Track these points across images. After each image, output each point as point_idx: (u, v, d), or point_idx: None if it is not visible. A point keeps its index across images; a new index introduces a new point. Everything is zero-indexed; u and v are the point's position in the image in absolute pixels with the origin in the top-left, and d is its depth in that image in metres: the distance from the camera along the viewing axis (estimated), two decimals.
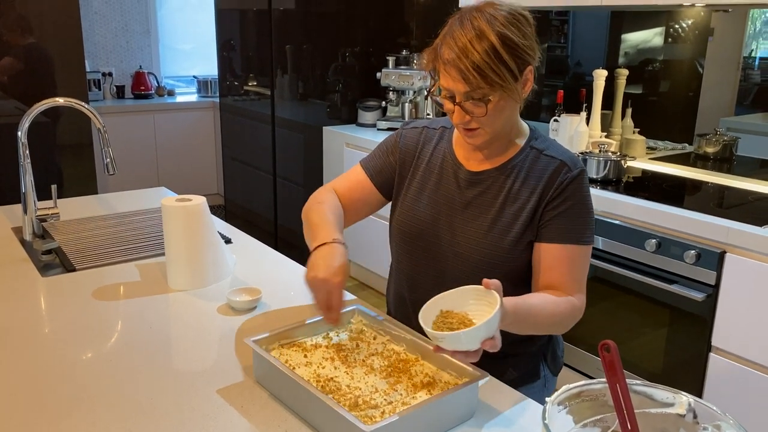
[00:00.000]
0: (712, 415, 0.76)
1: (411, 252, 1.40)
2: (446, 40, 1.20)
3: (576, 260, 1.27)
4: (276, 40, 3.85)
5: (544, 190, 1.27)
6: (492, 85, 1.17)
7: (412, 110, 3.68)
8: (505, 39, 1.16)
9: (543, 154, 1.31)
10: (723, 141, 2.71)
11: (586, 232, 1.28)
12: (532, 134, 1.35)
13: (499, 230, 1.29)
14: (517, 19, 1.19)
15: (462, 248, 1.31)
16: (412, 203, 1.39)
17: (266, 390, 1.10)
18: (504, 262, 1.29)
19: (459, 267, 1.32)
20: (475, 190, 1.33)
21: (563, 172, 1.27)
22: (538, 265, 1.28)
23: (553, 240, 1.26)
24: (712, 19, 2.79)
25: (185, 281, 1.51)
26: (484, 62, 1.15)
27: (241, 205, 4.62)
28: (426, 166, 1.40)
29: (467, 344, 1.00)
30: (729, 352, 2.01)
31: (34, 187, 1.78)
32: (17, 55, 3.41)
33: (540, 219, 1.27)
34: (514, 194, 1.29)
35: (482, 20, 1.17)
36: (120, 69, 5.28)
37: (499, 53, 1.15)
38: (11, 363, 1.17)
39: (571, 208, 1.26)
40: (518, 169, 1.30)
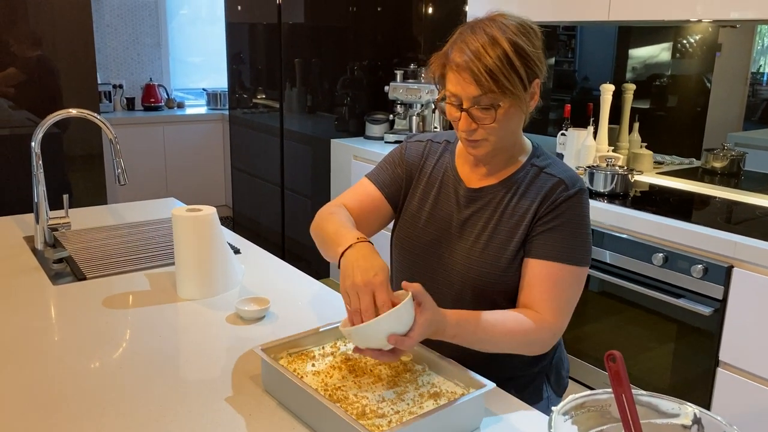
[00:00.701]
0: (718, 426, 0.76)
1: (410, 267, 1.39)
2: (457, 44, 1.20)
3: (560, 281, 1.22)
4: (285, 53, 3.89)
5: (539, 207, 1.26)
6: (503, 91, 1.16)
7: (420, 123, 3.70)
8: (517, 47, 1.16)
9: (543, 171, 1.29)
10: (731, 156, 2.72)
11: (576, 252, 1.23)
12: (534, 151, 1.33)
13: (495, 247, 1.27)
14: (527, 30, 1.20)
15: (459, 266, 1.30)
16: (411, 219, 1.39)
17: (274, 398, 1.11)
18: (501, 279, 1.27)
19: (456, 284, 1.31)
20: (472, 207, 1.32)
21: (559, 190, 1.25)
22: (522, 280, 1.26)
23: (536, 256, 1.24)
24: (720, 35, 2.80)
25: (194, 291, 1.52)
26: (496, 66, 1.15)
27: (249, 217, 4.64)
28: (427, 180, 1.39)
29: (372, 339, 1.01)
30: (736, 367, 2.01)
31: (46, 197, 1.80)
32: (23, 66, 3.44)
33: (528, 234, 1.26)
34: (511, 210, 1.28)
35: (494, 28, 1.17)
36: (130, 81, 5.34)
37: (511, 60, 1.15)
38: (21, 370, 1.19)
39: (561, 226, 1.24)
40: (518, 185, 1.29)
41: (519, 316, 1.20)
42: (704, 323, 2.07)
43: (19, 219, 2.10)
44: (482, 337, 1.15)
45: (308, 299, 1.54)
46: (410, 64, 3.81)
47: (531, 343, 1.21)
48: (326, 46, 3.95)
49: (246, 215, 4.68)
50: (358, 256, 1.11)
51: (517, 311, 1.22)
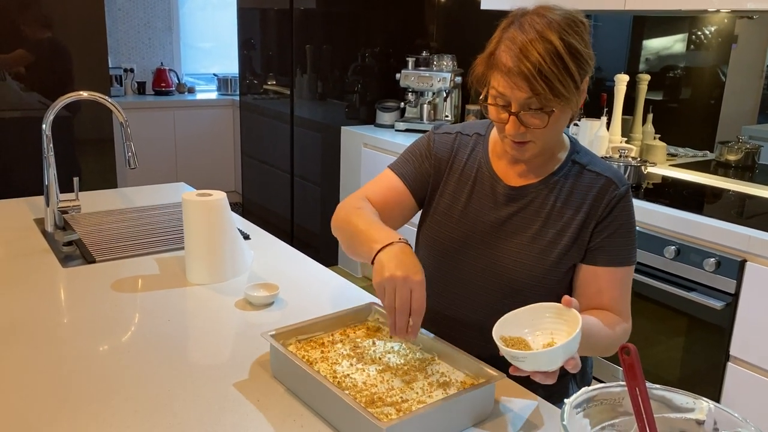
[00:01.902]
0: (733, 422, 0.75)
1: (439, 266, 1.33)
2: (504, 44, 1.12)
3: (625, 282, 1.23)
4: (296, 39, 3.87)
5: (591, 209, 1.22)
6: (557, 95, 1.10)
7: (431, 112, 3.68)
8: (570, 48, 1.10)
9: (587, 169, 1.25)
10: (745, 149, 2.68)
11: (633, 252, 1.23)
12: (573, 147, 1.28)
13: (539, 249, 1.23)
14: (577, 24, 1.12)
15: (498, 267, 1.26)
16: (442, 216, 1.32)
17: (282, 385, 1.10)
18: (543, 282, 1.23)
19: (495, 284, 1.27)
20: (514, 206, 1.26)
21: (611, 190, 1.22)
22: (587, 287, 1.23)
23: (604, 263, 1.21)
24: (737, 26, 2.76)
25: (204, 275, 1.52)
26: (549, 69, 1.08)
27: (258, 203, 4.64)
28: (460, 176, 1.32)
29: (547, 364, 0.96)
30: (747, 361, 1.99)
31: (57, 180, 1.80)
32: (32, 48, 3.44)
33: (589, 241, 1.22)
34: (557, 212, 1.24)
35: (542, 23, 1.10)
36: (141, 65, 5.33)
37: (563, 60, 1.09)
38: (30, 353, 1.19)
39: (620, 229, 1.22)
40: (561, 184, 1.24)
41: (610, 320, 1.18)
42: (716, 317, 2.05)
43: (29, 201, 2.10)
44: (591, 342, 1.12)
45: (317, 286, 1.54)
46: (422, 52, 3.78)
47: (615, 346, 1.19)
48: (338, 32, 3.92)
49: (255, 201, 4.68)
50: (399, 253, 1.07)
51: (606, 314, 1.20)
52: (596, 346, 1.16)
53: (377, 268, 1.07)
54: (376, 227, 1.17)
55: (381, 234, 1.13)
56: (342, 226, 1.26)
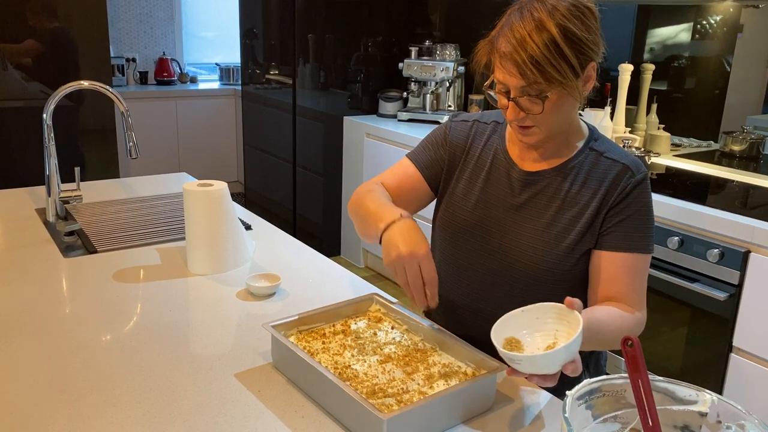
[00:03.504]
0: (736, 414, 0.74)
1: (455, 252, 1.34)
2: (504, 31, 1.14)
3: (639, 270, 1.21)
4: (299, 28, 3.85)
5: (606, 195, 1.21)
6: (550, 81, 1.11)
7: (434, 101, 3.66)
8: (567, 32, 1.10)
9: (603, 156, 1.24)
10: (750, 139, 2.67)
11: (648, 240, 1.22)
12: (591, 134, 1.28)
13: (554, 235, 1.23)
14: (581, 11, 1.13)
15: (513, 252, 1.26)
16: (459, 201, 1.33)
17: (284, 375, 1.10)
18: (557, 268, 1.23)
19: (509, 270, 1.27)
20: (529, 192, 1.27)
21: (627, 176, 1.21)
22: (598, 274, 1.22)
23: (615, 248, 1.20)
24: (742, 16, 2.73)
25: (205, 266, 1.51)
26: (542, 56, 1.09)
27: (261, 193, 4.64)
28: (476, 163, 1.33)
29: (545, 368, 0.94)
30: (750, 353, 1.98)
31: (58, 170, 1.80)
32: (41, 38, 3.43)
33: (601, 226, 1.21)
34: (572, 197, 1.23)
35: (543, 11, 1.10)
36: (143, 55, 5.32)
37: (559, 47, 1.09)
38: (32, 343, 1.19)
39: (635, 214, 1.20)
40: (576, 171, 1.24)
41: (620, 312, 1.17)
42: (719, 308, 2.04)
43: (31, 191, 2.10)
44: (600, 338, 1.11)
45: (319, 277, 1.53)
46: (425, 41, 3.76)
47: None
48: (340, 21, 3.90)
49: (257, 191, 4.68)
50: (402, 230, 1.12)
51: (612, 305, 1.18)
52: (605, 341, 1.14)
53: (384, 249, 1.13)
54: (382, 207, 1.20)
55: (385, 212, 1.17)
56: (354, 209, 1.31)
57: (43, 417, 0.97)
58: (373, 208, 1.22)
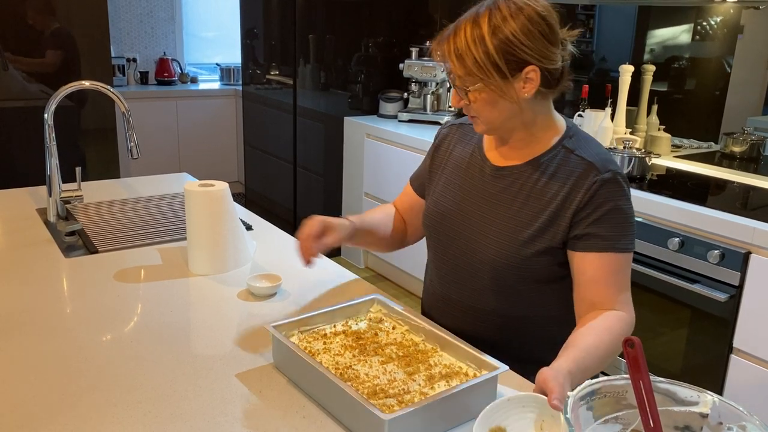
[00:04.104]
0: (738, 415, 0.75)
1: (436, 245, 1.39)
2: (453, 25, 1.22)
3: (620, 269, 1.20)
4: (299, 29, 3.85)
5: (570, 193, 1.21)
6: (470, 74, 1.17)
7: (434, 102, 3.67)
8: (497, 30, 1.14)
9: (574, 154, 1.24)
10: (750, 140, 2.67)
11: (627, 239, 1.21)
12: (567, 131, 1.28)
13: (515, 228, 1.25)
14: (530, 18, 1.14)
15: (478, 243, 1.29)
16: (438, 197, 1.39)
17: (285, 376, 1.10)
18: (516, 261, 1.24)
19: (477, 262, 1.29)
20: (499, 185, 1.29)
21: (592, 175, 1.20)
22: (580, 276, 1.22)
23: (592, 249, 1.20)
24: (742, 17, 2.73)
25: (206, 266, 1.51)
26: (466, 48, 1.15)
27: (261, 194, 4.64)
28: (456, 163, 1.39)
29: None
30: (750, 354, 1.99)
31: (59, 170, 1.80)
32: (52, 44, 3.44)
33: (572, 228, 1.21)
34: (537, 192, 1.24)
35: (485, 9, 1.16)
36: (144, 55, 5.32)
37: (486, 45, 1.14)
38: (33, 343, 1.19)
39: (607, 214, 1.19)
40: (545, 166, 1.25)
41: (605, 325, 1.15)
42: (719, 309, 2.04)
43: (32, 191, 2.10)
44: (597, 364, 1.11)
45: (320, 277, 1.53)
46: (426, 42, 3.76)
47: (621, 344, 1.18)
48: (341, 22, 3.90)
49: (258, 192, 4.68)
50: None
51: (595, 318, 1.17)
52: (601, 365, 1.13)
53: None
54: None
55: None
56: None
57: (44, 417, 0.97)
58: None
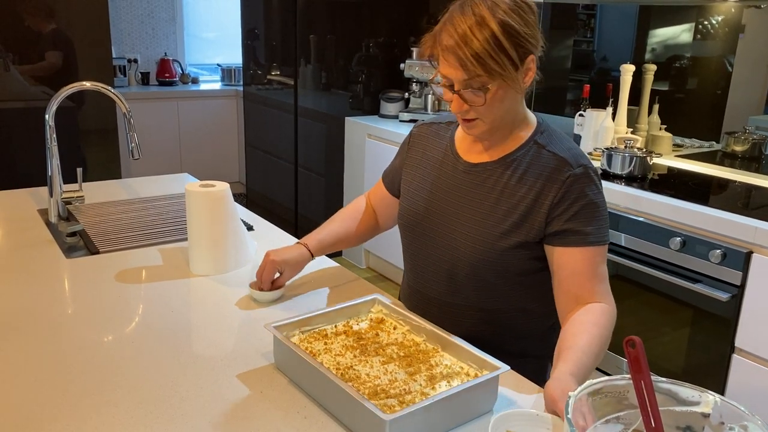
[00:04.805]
0: (739, 415, 0.74)
1: (411, 243, 1.40)
2: (446, 26, 1.18)
3: (599, 262, 1.23)
4: (300, 29, 3.85)
5: (543, 189, 1.23)
6: (491, 73, 1.15)
7: (435, 102, 3.66)
8: (506, 26, 1.14)
9: (545, 149, 1.26)
10: (752, 140, 2.67)
11: (602, 232, 1.23)
12: (538, 128, 1.29)
13: (490, 224, 1.26)
14: (519, 6, 1.17)
15: (455, 241, 1.30)
16: (412, 196, 1.40)
17: (286, 376, 1.10)
18: (494, 258, 1.25)
19: (453, 258, 1.30)
20: (471, 183, 1.30)
21: (564, 170, 1.22)
22: (561, 271, 1.23)
23: (574, 244, 1.21)
24: (744, 16, 2.73)
25: (207, 266, 1.51)
26: (483, 50, 1.13)
27: (262, 194, 4.64)
28: (429, 161, 1.40)
29: None
30: (752, 353, 1.98)
31: (60, 171, 1.80)
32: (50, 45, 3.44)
33: (548, 224, 1.22)
34: (510, 189, 1.26)
35: (484, 7, 1.15)
36: (145, 56, 5.32)
37: (499, 41, 1.13)
38: (34, 343, 1.19)
39: (582, 210, 1.21)
40: (518, 163, 1.26)
41: (592, 320, 1.18)
42: (721, 309, 2.04)
43: (33, 192, 2.10)
44: (592, 361, 1.13)
45: (321, 277, 1.53)
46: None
47: (609, 335, 1.21)
48: (342, 22, 3.90)
49: (259, 192, 4.68)
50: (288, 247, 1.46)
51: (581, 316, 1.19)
52: (598, 356, 1.15)
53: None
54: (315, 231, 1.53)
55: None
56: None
57: (45, 417, 0.97)
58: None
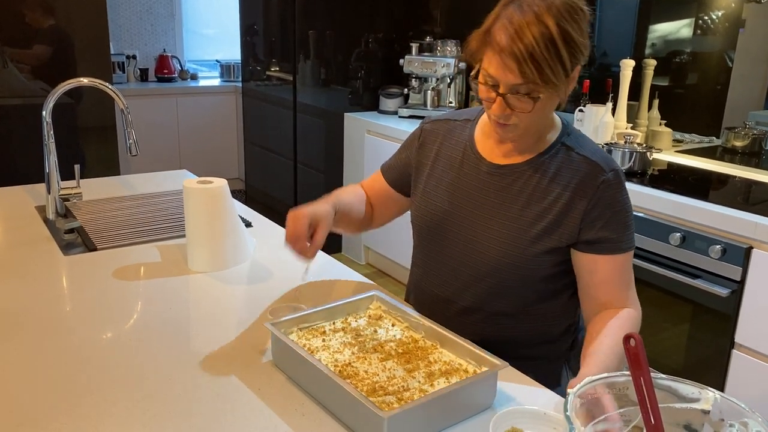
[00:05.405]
0: (739, 411, 0.74)
1: (427, 244, 1.36)
2: (501, 22, 1.11)
3: (627, 269, 1.23)
4: (299, 25, 3.84)
5: (575, 193, 1.20)
6: (546, 82, 1.10)
7: (435, 98, 3.65)
8: (566, 35, 1.09)
9: (575, 152, 1.23)
10: (752, 135, 2.66)
11: (631, 237, 1.23)
12: (564, 129, 1.27)
13: (519, 228, 1.23)
14: (576, 12, 1.11)
15: (480, 245, 1.26)
16: (430, 196, 1.35)
17: (284, 373, 1.10)
18: (522, 263, 1.23)
19: (475, 262, 1.27)
20: (498, 185, 1.26)
21: (598, 176, 1.20)
22: (591, 277, 1.22)
23: (605, 251, 1.20)
24: (744, 11, 2.72)
25: (205, 263, 1.51)
26: (543, 57, 1.08)
27: (262, 190, 4.63)
28: (446, 160, 1.35)
29: None
30: (752, 349, 1.98)
31: (58, 167, 1.79)
32: (43, 39, 3.43)
33: (581, 231, 1.21)
34: (540, 192, 1.23)
35: (544, 9, 1.09)
36: (144, 52, 5.31)
37: (558, 50, 1.08)
38: (32, 341, 1.18)
39: (615, 216, 1.20)
40: (547, 165, 1.23)
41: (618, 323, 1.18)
42: (721, 304, 2.04)
43: (31, 189, 2.09)
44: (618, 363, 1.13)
45: (319, 273, 1.53)
46: (426, 37, 3.75)
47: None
48: (341, 17, 3.89)
49: (258, 188, 4.67)
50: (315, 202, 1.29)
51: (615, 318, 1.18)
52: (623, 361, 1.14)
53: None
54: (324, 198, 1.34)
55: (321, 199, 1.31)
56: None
57: (43, 415, 0.97)
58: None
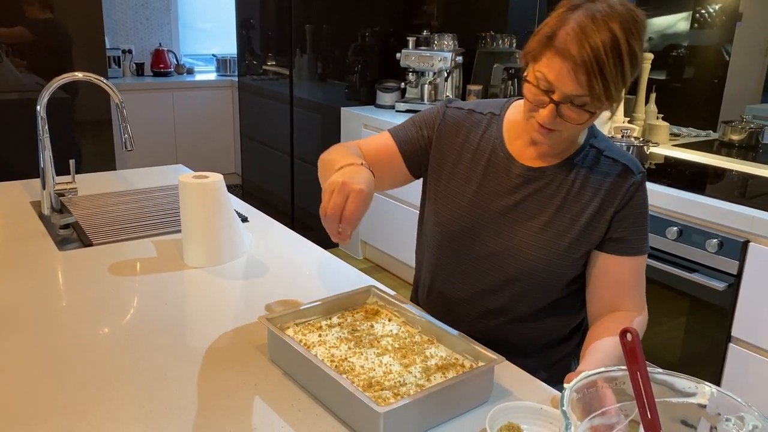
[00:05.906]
0: (736, 406, 0.74)
1: (451, 246, 1.30)
2: (570, 27, 1.05)
3: (641, 271, 1.23)
4: (296, 19, 3.82)
5: (607, 196, 1.20)
6: (609, 98, 1.08)
7: (432, 92, 3.65)
8: (633, 53, 1.06)
9: (604, 155, 1.22)
10: (749, 129, 2.66)
11: (647, 240, 1.23)
12: (590, 131, 1.25)
13: (554, 232, 1.21)
14: (638, 23, 1.08)
15: (513, 249, 1.23)
16: (455, 197, 1.29)
17: (280, 368, 1.09)
18: (559, 266, 1.22)
19: (507, 267, 1.24)
20: (530, 187, 1.23)
21: (629, 178, 1.20)
22: (604, 277, 1.22)
23: (626, 253, 1.20)
24: (741, 4, 2.72)
25: (201, 258, 1.50)
26: (611, 72, 1.04)
27: (258, 185, 4.62)
28: (472, 157, 1.28)
29: None
30: (749, 342, 1.98)
31: (53, 162, 1.79)
32: (32, 28, 3.41)
33: (608, 231, 1.20)
34: (574, 195, 1.21)
35: (615, 21, 1.04)
36: (140, 46, 5.28)
37: (623, 63, 1.05)
38: (27, 336, 1.18)
39: (640, 218, 1.21)
40: (578, 168, 1.22)
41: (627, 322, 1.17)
42: (718, 298, 2.04)
43: (26, 184, 2.08)
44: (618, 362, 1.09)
45: (316, 269, 1.52)
46: (423, 31, 3.73)
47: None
48: (337, 11, 3.88)
49: (255, 183, 4.66)
50: (352, 170, 1.08)
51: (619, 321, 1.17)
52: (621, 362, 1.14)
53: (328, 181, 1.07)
54: (346, 157, 1.15)
55: (346, 159, 1.13)
56: (322, 159, 1.27)
57: (38, 411, 0.97)
58: (338, 157, 1.17)
